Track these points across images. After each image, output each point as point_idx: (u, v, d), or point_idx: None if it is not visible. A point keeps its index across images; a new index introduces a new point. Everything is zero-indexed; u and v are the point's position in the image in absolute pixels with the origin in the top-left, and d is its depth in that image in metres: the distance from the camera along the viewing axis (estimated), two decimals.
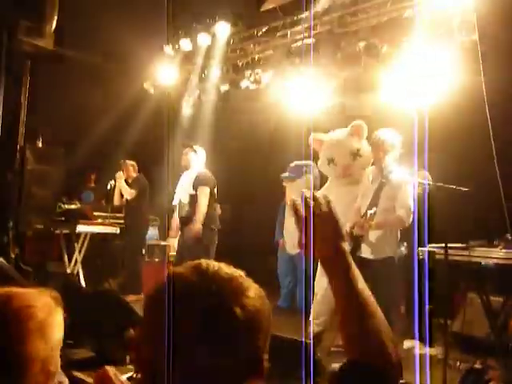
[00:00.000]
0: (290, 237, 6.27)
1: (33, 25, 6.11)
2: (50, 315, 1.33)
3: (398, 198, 4.05)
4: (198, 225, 5.25)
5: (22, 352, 1.22)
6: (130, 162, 6.76)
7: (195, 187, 5.39)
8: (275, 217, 6.74)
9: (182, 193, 5.52)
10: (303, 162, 5.85)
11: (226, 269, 0.92)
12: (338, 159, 4.73)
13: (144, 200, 6.68)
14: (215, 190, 5.54)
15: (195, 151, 5.57)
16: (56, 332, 1.34)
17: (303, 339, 3.08)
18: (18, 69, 6.33)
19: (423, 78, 5.34)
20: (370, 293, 1.14)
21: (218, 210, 5.84)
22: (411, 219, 4.00)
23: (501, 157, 2.38)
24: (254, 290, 0.91)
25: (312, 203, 1.18)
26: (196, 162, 5.56)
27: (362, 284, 1.14)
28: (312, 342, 4.85)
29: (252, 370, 0.87)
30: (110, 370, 1.31)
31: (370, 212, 3.93)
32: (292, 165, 6.00)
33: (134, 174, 6.74)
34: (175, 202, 5.57)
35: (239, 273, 0.93)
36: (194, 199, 5.36)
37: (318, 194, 1.22)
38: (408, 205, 4.01)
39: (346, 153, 4.68)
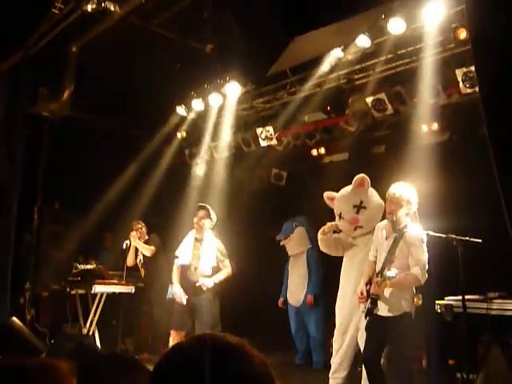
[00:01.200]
0: (292, 291, 6.37)
1: (50, 91, 6.38)
2: None
3: (413, 255, 3.99)
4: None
5: None
6: (141, 223, 6.89)
7: (219, 260, 5.51)
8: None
9: (198, 258, 5.50)
10: (292, 220, 6.31)
11: (230, 339, 0.94)
12: (344, 213, 4.82)
13: (163, 256, 6.75)
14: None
15: (210, 215, 5.60)
16: None
17: None
18: (38, 132, 6.55)
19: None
20: None
21: None
22: (426, 277, 3.94)
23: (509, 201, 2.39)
24: (257, 358, 0.92)
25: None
26: (209, 225, 5.59)
27: None
28: None
29: None
30: None
31: (389, 275, 3.88)
32: (285, 224, 6.43)
33: (146, 236, 6.86)
34: (185, 262, 5.54)
35: (242, 342, 0.95)
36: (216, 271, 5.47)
37: None
38: (423, 262, 3.96)
39: (349, 206, 4.77)
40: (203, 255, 5.47)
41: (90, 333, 6.26)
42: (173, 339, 5.34)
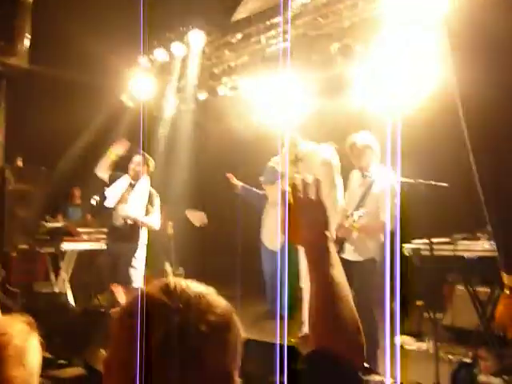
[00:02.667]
0: (269, 233, 6.32)
1: (5, 43, 6.07)
2: (25, 341, 1.34)
3: (380, 202, 4.07)
4: None
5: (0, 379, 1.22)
6: None
7: (148, 211, 5.43)
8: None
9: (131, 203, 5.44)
10: (275, 163, 5.97)
11: (195, 287, 0.93)
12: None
13: None
14: None
15: (148, 161, 5.53)
16: (33, 357, 1.35)
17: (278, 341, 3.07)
18: None
19: (398, 78, 5.41)
20: (345, 282, 1.16)
21: None
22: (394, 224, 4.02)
23: (476, 149, 2.41)
24: (221, 308, 0.91)
25: (302, 188, 1.19)
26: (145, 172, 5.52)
27: (338, 271, 1.15)
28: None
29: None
30: None
31: (357, 214, 3.95)
32: (266, 167, 6.13)
33: None
34: (110, 205, 5.45)
35: (207, 290, 0.94)
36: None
37: (310, 178, 1.24)
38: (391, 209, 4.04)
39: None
40: (131, 199, 5.38)
41: (63, 290, 6.24)
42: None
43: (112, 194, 5.41)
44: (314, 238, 1.19)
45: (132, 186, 5.47)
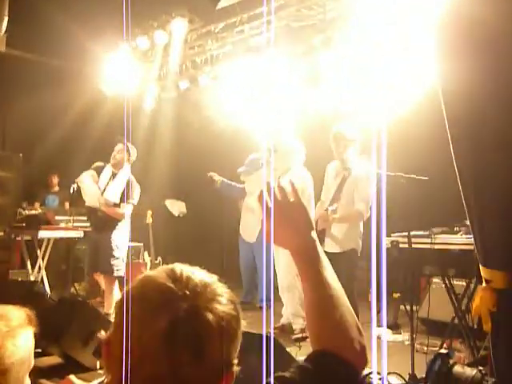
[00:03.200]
0: (247, 226, 6.30)
1: None
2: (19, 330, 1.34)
3: (358, 191, 4.13)
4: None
5: None
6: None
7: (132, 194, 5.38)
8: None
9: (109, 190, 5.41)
10: (259, 155, 5.94)
11: (200, 274, 0.93)
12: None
13: None
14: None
15: (130, 149, 5.50)
16: (25, 346, 1.34)
17: (266, 332, 3.09)
18: None
19: (381, 70, 5.43)
20: (338, 282, 1.16)
21: None
22: (369, 213, 4.09)
23: (456, 140, 2.43)
24: (226, 296, 0.92)
25: (280, 192, 1.19)
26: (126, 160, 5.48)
27: (330, 273, 1.16)
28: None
29: (222, 374, 0.88)
30: (73, 378, 1.32)
31: (330, 208, 4.00)
32: (248, 159, 6.12)
33: None
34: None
35: (213, 278, 0.94)
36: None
37: (284, 182, 1.23)
38: (367, 199, 4.10)
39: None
40: (110, 185, 5.39)
41: (39, 279, 6.16)
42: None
43: (112, 191, 5.40)
44: (301, 241, 1.18)
45: (114, 175, 5.44)
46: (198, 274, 0.93)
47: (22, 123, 6.98)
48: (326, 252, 3.70)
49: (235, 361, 0.92)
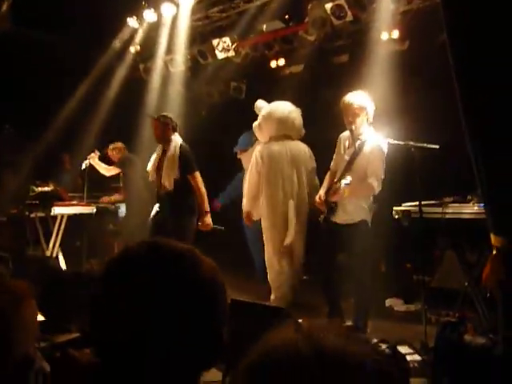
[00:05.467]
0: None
1: None
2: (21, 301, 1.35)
3: (370, 165, 4.06)
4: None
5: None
6: (117, 145, 6.71)
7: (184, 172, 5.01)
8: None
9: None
10: (251, 132, 5.88)
11: (179, 245, 0.93)
12: None
13: (135, 174, 6.53)
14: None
15: (168, 124, 5.10)
16: (30, 318, 1.35)
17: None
18: None
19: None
20: None
21: None
22: (380, 187, 4.06)
23: (467, 111, 2.38)
24: (207, 264, 0.92)
25: None
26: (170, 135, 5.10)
27: None
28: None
29: (212, 341, 0.88)
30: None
31: (344, 182, 3.94)
32: (241, 137, 6.14)
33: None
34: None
35: (193, 248, 0.94)
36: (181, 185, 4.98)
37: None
38: (378, 172, 4.04)
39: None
40: (163, 169, 5.05)
41: (54, 255, 6.24)
42: None
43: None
44: None
45: (163, 153, 5.14)
46: (178, 245, 0.93)
47: (32, 102, 6.97)
48: (336, 223, 3.68)
49: (225, 328, 0.92)
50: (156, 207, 5.18)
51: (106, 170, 6.63)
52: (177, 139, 5.12)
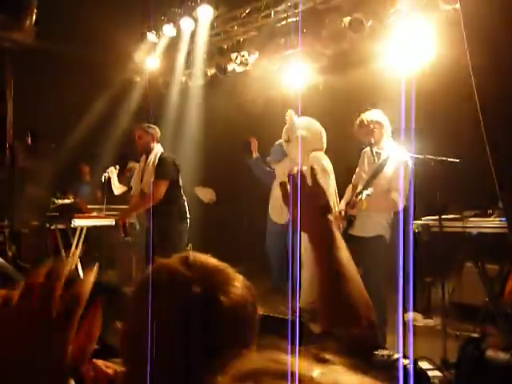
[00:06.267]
0: (276, 206, 6.16)
1: (12, 19, 6.02)
2: None
3: (393, 180, 4.04)
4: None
5: None
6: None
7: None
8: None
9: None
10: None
11: (213, 260, 0.94)
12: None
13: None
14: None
15: (151, 129, 5.20)
16: None
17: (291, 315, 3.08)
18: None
19: (408, 51, 5.34)
20: (350, 261, 1.16)
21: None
22: (404, 203, 4.00)
23: (489, 126, 2.37)
24: (239, 281, 0.92)
25: (299, 179, 1.20)
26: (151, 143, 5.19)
27: (343, 253, 1.16)
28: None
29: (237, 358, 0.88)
30: (99, 361, 1.33)
31: (366, 193, 3.92)
32: (275, 146, 6.14)
33: None
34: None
35: (225, 265, 0.94)
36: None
37: (305, 168, 1.24)
38: (402, 188, 4.01)
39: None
40: (144, 176, 5.15)
41: (73, 266, 6.29)
42: None
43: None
44: (316, 223, 1.19)
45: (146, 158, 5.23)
46: (211, 260, 0.93)
47: (53, 113, 7.10)
48: (352, 236, 3.65)
49: (252, 346, 0.90)
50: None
51: (115, 188, 6.65)
52: (158, 148, 5.23)
